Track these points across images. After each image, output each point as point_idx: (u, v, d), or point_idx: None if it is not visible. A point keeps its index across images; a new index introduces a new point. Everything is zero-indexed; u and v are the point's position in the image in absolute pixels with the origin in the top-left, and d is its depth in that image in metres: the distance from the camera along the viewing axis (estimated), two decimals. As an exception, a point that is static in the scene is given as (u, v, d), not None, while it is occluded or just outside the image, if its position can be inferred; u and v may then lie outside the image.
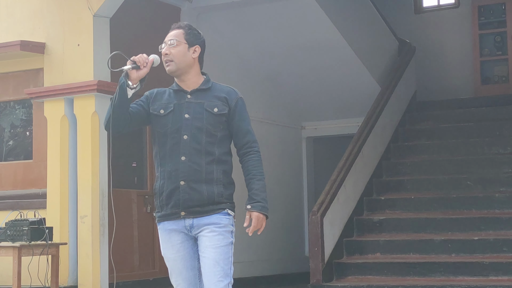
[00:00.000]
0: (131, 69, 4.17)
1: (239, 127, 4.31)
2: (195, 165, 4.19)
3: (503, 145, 10.60)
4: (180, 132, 4.23)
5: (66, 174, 8.58)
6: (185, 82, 4.33)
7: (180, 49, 4.27)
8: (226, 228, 4.22)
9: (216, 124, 4.25)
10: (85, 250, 8.38)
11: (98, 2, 8.50)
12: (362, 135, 10.41)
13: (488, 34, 12.74)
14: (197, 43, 4.34)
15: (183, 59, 4.28)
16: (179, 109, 4.27)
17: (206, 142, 4.22)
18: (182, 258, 4.27)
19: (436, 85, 12.87)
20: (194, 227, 4.21)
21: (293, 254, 12.34)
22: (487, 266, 8.66)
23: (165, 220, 4.27)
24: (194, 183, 4.18)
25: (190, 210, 4.19)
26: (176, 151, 4.22)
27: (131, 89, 4.18)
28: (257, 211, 4.21)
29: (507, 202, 9.51)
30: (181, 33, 4.31)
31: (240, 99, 4.36)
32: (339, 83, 11.63)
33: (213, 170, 4.22)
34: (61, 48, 8.70)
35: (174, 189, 4.20)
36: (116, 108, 4.18)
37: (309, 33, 10.73)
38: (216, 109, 4.26)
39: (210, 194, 4.19)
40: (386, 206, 10.21)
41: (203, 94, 4.30)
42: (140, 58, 4.19)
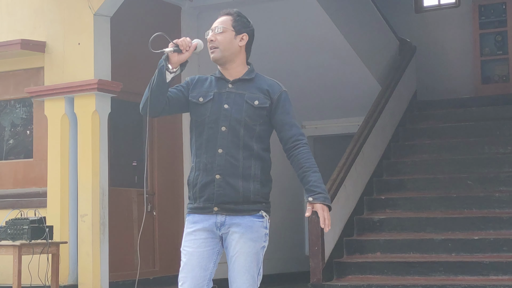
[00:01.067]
0: (172, 51, 3.99)
1: (284, 121, 4.09)
2: (232, 159, 4.00)
3: (504, 144, 10.60)
4: (218, 123, 4.04)
5: (66, 173, 8.59)
6: (229, 71, 4.15)
7: (227, 36, 4.10)
8: (259, 233, 4.04)
9: (256, 118, 4.06)
10: (85, 248, 8.39)
11: (99, 1, 8.51)
12: (363, 135, 10.41)
13: (489, 34, 12.74)
14: (245, 31, 4.17)
15: (229, 47, 4.10)
16: (219, 99, 4.08)
17: (244, 136, 4.03)
18: (200, 255, 4.05)
19: (437, 85, 12.87)
20: (225, 225, 4.03)
21: (293, 253, 12.35)
22: (487, 266, 8.66)
23: (196, 213, 4.09)
24: (230, 178, 3.99)
25: (223, 206, 4.01)
26: (213, 142, 4.04)
27: (170, 72, 4.00)
28: (320, 202, 3.97)
29: (507, 202, 9.51)
30: (229, 20, 4.15)
31: (284, 92, 4.16)
32: (339, 82, 11.62)
33: (251, 165, 4.03)
34: (62, 47, 8.71)
35: (209, 182, 4.02)
36: (154, 91, 4.01)
37: (309, 32, 10.72)
38: (257, 102, 4.07)
39: (245, 191, 4.00)
40: (387, 205, 10.21)
41: (245, 85, 4.13)
42: (183, 42, 4.00)
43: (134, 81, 9.15)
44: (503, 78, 12.60)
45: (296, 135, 4.11)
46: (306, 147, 4.11)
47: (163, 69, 3.99)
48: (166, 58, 4.01)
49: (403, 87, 11.78)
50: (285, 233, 12.17)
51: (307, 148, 4.12)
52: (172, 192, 9.95)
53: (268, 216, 4.10)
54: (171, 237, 9.78)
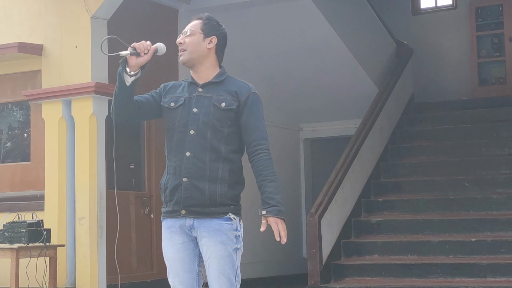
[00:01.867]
0: (129, 55, 4.02)
1: (247, 123, 4.11)
2: (199, 161, 4.03)
3: (501, 146, 10.61)
4: (187, 127, 4.08)
5: (64, 175, 8.58)
6: (198, 74, 4.19)
7: (195, 38, 4.13)
8: (228, 235, 4.06)
9: (223, 120, 4.08)
10: (83, 251, 8.39)
11: (96, 4, 8.50)
12: (360, 137, 10.42)
13: (486, 36, 12.76)
14: (214, 34, 4.18)
15: (196, 49, 4.13)
16: (189, 103, 4.12)
17: (211, 138, 4.05)
18: (181, 259, 4.11)
19: (434, 87, 12.88)
20: (194, 228, 4.06)
21: (291, 256, 12.34)
22: (484, 268, 8.67)
23: (167, 217, 4.14)
24: (197, 181, 4.02)
25: (190, 209, 4.04)
26: (181, 146, 4.07)
27: (130, 76, 4.04)
28: (273, 216, 4.02)
29: (504, 204, 9.52)
30: (198, 23, 4.18)
31: (252, 94, 4.17)
32: (337, 85, 11.63)
33: (218, 167, 4.05)
34: (59, 50, 8.71)
35: (177, 186, 4.06)
36: (117, 95, 4.06)
37: (306, 34, 10.73)
38: (223, 104, 4.09)
39: (212, 194, 4.02)
40: (384, 207, 10.21)
41: (214, 88, 4.15)
42: (141, 45, 4.04)
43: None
44: (500, 80, 12.61)
45: (257, 140, 4.11)
46: (266, 153, 4.10)
47: (121, 72, 4.03)
48: (123, 62, 4.03)
49: (400, 89, 11.79)
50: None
51: (267, 154, 4.10)
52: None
53: (237, 218, 4.11)
54: (168, 239, 9.75)
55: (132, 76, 4.04)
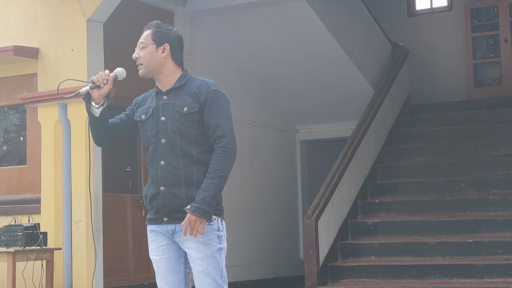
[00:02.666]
0: (90, 89, 4.11)
1: (208, 123, 4.12)
2: (174, 169, 4.09)
3: (497, 147, 10.62)
4: (158, 136, 4.15)
5: (60, 179, 8.57)
6: (161, 83, 4.23)
7: (148, 50, 4.18)
8: (210, 236, 4.10)
9: (188, 124, 4.11)
10: (79, 255, 8.38)
11: (92, 7, 8.50)
12: (356, 138, 10.42)
13: (481, 37, 12.77)
14: (165, 41, 4.19)
15: (151, 61, 4.17)
16: (157, 112, 4.19)
17: (181, 144, 4.10)
18: (166, 260, 4.19)
19: (430, 88, 12.89)
20: (176, 232, 4.12)
21: (288, 258, 12.34)
22: (481, 269, 8.68)
23: (150, 224, 4.22)
24: (174, 188, 4.09)
25: (171, 215, 4.11)
26: (156, 155, 4.15)
27: (97, 108, 4.13)
28: (190, 212, 3.97)
29: (501, 204, 9.53)
30: (149, 34, 4.21)
31: (212, 92, 4.15)
32: (333, 87, 11.64)
33: (192, 172, 4.09)
34: (55, 53, 8.70)
35: (156, 194, 4.13)
36: (93, 127, 4.21)
37: (303, 37, 10.74)
38: (186, 108, 4.12)
39: (189, 199, 4.05)
40: (381, 209, 10.22)
41: (177, 93, 4.18)
42: (99, 77, 4.12)
43: (128, 87, 9.13)
44: (495, 81, 12.63)
45: (217, 138, 4.11)
46: (220, 150, 4.07)
47: (88, 107, 4.15)
48: (86, 97, 4.14)
49: (396, 90, 11.80)
50: (279, 237, 12.17)
51: (222, 151, 4.07)
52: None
53: (218, 219, 4.13)
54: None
55: (100, 107, 4.14)
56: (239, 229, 10.65)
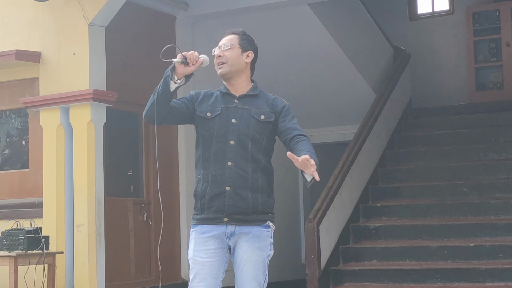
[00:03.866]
0: (180, 62, 4.14)
1: (286, 126, 4.24)
2: (242, 171, 4.16)
3: (498, 151, 10.62)
4: (226, 137, 4.20)
5: (62, 183, 8.58)
6: (234, 87, 4.33)
7: (234, 52, 4.29)
8: (265, 242, 4.23)
9: (262, 131, 4.23)
10: (81, 259, 8.38)
11: (93, 11, 8.52)
12: (358, 142, 10.42)
13: (483, 41, 12.78)
14: (251, 49, 4.37)
15: (236, 62, 4.29)
16: (226, 113, 4.25)
17: (252, 149, 4.19)
18: (211, 264, 4.22)
19: (431, 92, 12.89)
20: (234, 234, 4.19)
21: (290, 262, 12.34)
22: (483, 272, 8.66)
23: (204, 223, 4.22)
24: (240, 190, 4.15)
25: (233, 217, 4.17)
26: (222, 155, 4.19)
27: (175, 83, 4.17)
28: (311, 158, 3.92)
29: (502, 208, 9.52)
30: (235, 38, 4.34)
31: (287, 105, 4.35)
32: (334, 91, 11.65)
33: (258, 177, 4.20)
34: (57, 57, 8.72)
35: (219, 194, 4.17)
36: (159, 99, 4.15)
37: (304, 40, 10.75)
38: (262, 116, 4.25)
39: (255, 202, 4.16)
40: (382, 213, 10.21)
41: (251, 101, 4.30)
42: (192, 55, 4.17)
43: (129, 91, 9.17)
44: (497, 85, 12.63)
45: (298, 134, 4.21)
46: (307, 139, 4.18)
47: (168, 78, 4.15)
48: (172, 68, 4.17)
49: (398, 94, 11.81)
50: (281, 241, 12.16)
51: (308, 140, 4.18)
52: (168, 201, 9.95)
53: (274, 226, 4.29)
54: (167, 245, 9.78)
55: (177, 83, 4.19)
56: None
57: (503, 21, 12.51)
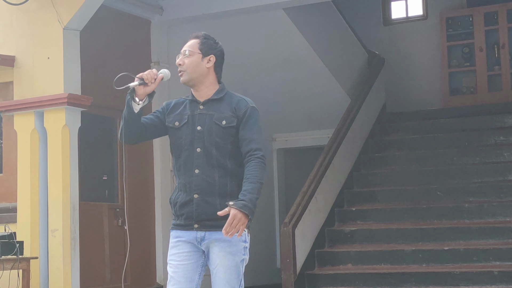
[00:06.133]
0: (138, 85, 4.15)
1: (244, 136, 4.22)
2: (209, 178, 4.17)
3: (472, 155, 10.69)
4: (193, 145, 4.22)
5: (36, 187, 8.52)
6: (199, 92, 4.31)
7: (194, 59, 4.26)
8: (237, 246, 4.23)
9: (226, 137, 4.21)
10: (56, 264, 8.33)
11: (68, 15, 8.47)
12: (333, 147, 10.45)
13: (456, 46, 12.87)
14: (212, 53, 4.32)
15: (196, 69, 4.26)
16: (192, 121, 4.25)
17: (217, 155, 4.19)
18: (184, 267, 4.24)
19: (405, 96, 12.96)
20: (205, 240, 4.21)
21: (265, 266, 12.34)
22: (457, 276, 8.72)
23: (178, 229, 4.28)
24: (208, 197, 4.17)
25: (203, 223, 4.19)
26: (189, 163, 4.21)
27: (138, 104, 4.17)
28: (237, 208, 3.99)
29: (476, 212, 9.59)
30: (196, 43, 4.30)
31: (250, 108, 4.30)
32: (309, 95, 11.68)
33: (227, 183, 4.19)
34: (31, 61, 8.66)
35: (188, 201, 4.20)
36: (127, 122, 4.20)
37: (279, 45, 10.77)
38: (224, 122, 4.22)
39: (223, 207, 4.12)
40: (357, 217, 10.25)
41: (215, 105, 4.28)
42: (148, 75, 4.15)
43: (104, 95, 9.12)
44: (470, 89, 12.72)
45: (251, 150, 4.20)
46: (257, 161, 4.17)
47: (130, 102, 4.16)
48: (131, 92, 4.17)
49: (372, 99, 11.86)
50: (256, 246, 12.12)
51: (259, 161, 4.17)
52: (143, 206, 9.92)
53: (246, 230, 4.24)
54: (142, 251, 9.75)
55: (140, 104, 4.18)
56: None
57: (476, 26, 12.61)
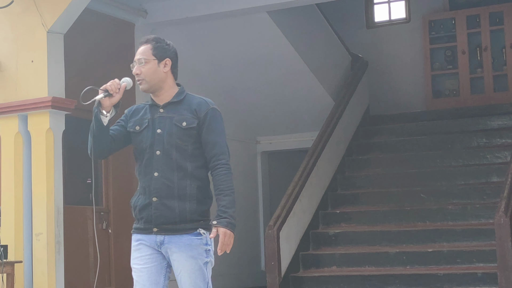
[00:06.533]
0: (103, 97, 4.14)
1: (207, 139, 4.21)
2: (168, 181, 4.16)
3: (455, 157, 10.75)
4: (153, 148, 4.20)
5: (20, 191, 8.48)
6: (159, 97, 4.28)
7: (150, 66, 4.21)
8: (198, 250, 4.18)
9: (186, 138, 4.19)
10: (40, 268, 8.29)
11: (52, 18, 8.45)
12: (317, 149, 10.48)
13: (439, 49, 12.93)
14: (166, 56, 4.26)
15: (154, 76, 4.22)
16: (153, 125, 4.24)
17: (177, 157, 4.17)
18: (148, 271, 4.22)
19: (389, 99, 13.01)
20: (164, 244, 4.18)
21: (249, 269, 12.35)
22: (441, 278, 8.77)
23: (138, 233, 4.27)
24: (166, 200, 4.14)
25: (161, 227, 4.17)
26: (149, 167, 4.20)
27: (106, 116, 4.17)
28: (223, 226, 4.12)
29: (460, 214, 9.65)
30: (148, 49, 4.24)
31: (211, 110, 4.26)
32: (293, 98, 11.71)
33: (186, 185, 4.16)
34: (15, 65, 8.62)
35: (147, 205, 4.18)
36: (96, 137, 4.20)
37: (263, 48, 10.80)
38: (184, 123, 4.20)
39: (182, 211, 4.13)
40: (341, 219, 10.28)
41: (175, 108, 4.25)
42: (112, 86, 4.15)
43: (89, 98, 9.09)
44: (453, 92, 12.78)
45: (216, 155, 4.21)
46: (224, 168, 4.20)
47: (98, 115, 4.17)
48: (98, 105, 4.17)
49: (356, 102, 11.90)
50: (240, 249, 12.16)
51: (225, 168, 4.21)
52: (127, 209, 9.88)
53: (207, 233, 4.21)
54: (126, 254, 9.71)
55: (108, 116, 4.18)
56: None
57: (458, 29, 12.67)
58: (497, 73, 12.42)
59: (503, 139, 10.83)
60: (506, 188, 8.52)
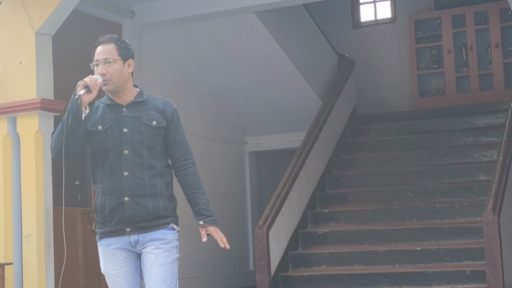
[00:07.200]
0: (85, 93, 4.08)
1: (175, 139, 4.26)
2: (139, 179, 4.15)
3: (442, 156, 10.81)
4: (120, 147, 4.17)
5: (10, 193, 8.47)
6: (121, 97, 4.27)
7: (117, 66, 4.20)
8: (172, 244, 4.20)
9: (155, 137, 4.21)
10: (30, 270, 8.28)
11: (40, 20, 8.44)
12: (305, 149, 10.51)
13: (425, 48, 13.00)
14: (130, 57, 4.28)
15: (120, 77, 4.21)
16: (117, 124, 4.20)
17: (147, 156, 4.18)
18: (125, 274, 4.22)
19: (375, 99, 13.07)
20: (139, 243, 4.17)
21: (238, 269, 12.36)
22: (430, 276, 8.81)
23: (108, 237, 4.21)
24: (139, 198, 4.14)
25: (135, 226, 4.15)
26: (117, 166, 4.16)
27: (83, 113, 4.12)
28: (211, 225, 4.27)
29: (447, 212, 9.70)
30: (113, 49, 4.23)
31: (175, 111, 4.33)
32: (281, 98, 11.74)
33: (156, 183, 4.18)
34: (3, 67, 8.61)
35: (118, 205, 4.15)
36: (70, 135, 4.10)
37: (251, 49, 10.82)
38: (154, 122, 4.22)
39: (155, 208, 4.15)
40: (330, 218, 10.32)
41: (139, 107, 4.25)
42: (91, 81, 4.09)
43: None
44: (439, 91, 12.85)
45: (185, 155, 4.29)
46: (194, 168, 4.30)
47: (79, 112, 4.07)
48: (77, 100, 4.07)
49: (343, 101, 11.95)
50: (229, 249, 12.16)
51: (195, 169, 4.30)
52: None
53: (178, 229, 4.27)
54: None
55: (84, 112, 4.12)
56: (188, 242, 10.64)
57: (444, 29, 12.74)
58: (482, 72, 12.50)
59: (489, 137, 10.89)
60: (494, 186, 8.58)
